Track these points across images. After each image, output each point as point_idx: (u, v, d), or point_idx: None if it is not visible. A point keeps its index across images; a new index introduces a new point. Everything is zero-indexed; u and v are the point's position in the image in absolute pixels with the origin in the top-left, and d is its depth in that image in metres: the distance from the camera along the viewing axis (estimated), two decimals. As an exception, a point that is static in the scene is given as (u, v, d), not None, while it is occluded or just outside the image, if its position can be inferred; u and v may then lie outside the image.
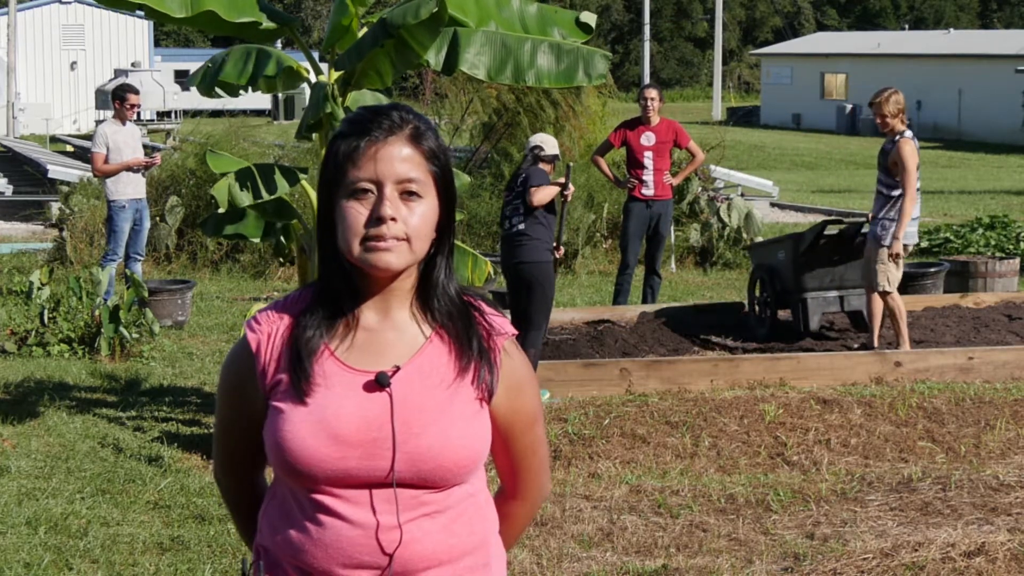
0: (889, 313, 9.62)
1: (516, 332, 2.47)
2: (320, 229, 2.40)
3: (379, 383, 2.33)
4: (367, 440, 2.31)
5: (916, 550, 5.67)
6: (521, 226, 8.76)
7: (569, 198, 9.21)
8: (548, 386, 8.82)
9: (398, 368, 2.35)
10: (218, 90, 7.74)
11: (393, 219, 2.31)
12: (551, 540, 6.17)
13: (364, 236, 2.31)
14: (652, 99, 11.56)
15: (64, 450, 7.68)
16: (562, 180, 9.07)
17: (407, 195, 2.33)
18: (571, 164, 9.59)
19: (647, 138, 11.53)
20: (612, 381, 8.94)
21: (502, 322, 2.45)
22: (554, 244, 9.04)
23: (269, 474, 2.52)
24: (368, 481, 2.31)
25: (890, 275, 9.52)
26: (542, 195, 8.74)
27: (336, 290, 2.38)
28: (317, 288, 2.41)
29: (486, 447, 2.41)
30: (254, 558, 2.46)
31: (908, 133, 9.61)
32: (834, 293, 10.27)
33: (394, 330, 2.39)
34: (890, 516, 6.56)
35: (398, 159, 2.33)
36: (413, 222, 2.32)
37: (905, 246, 9.54)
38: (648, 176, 11.50)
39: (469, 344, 2.39)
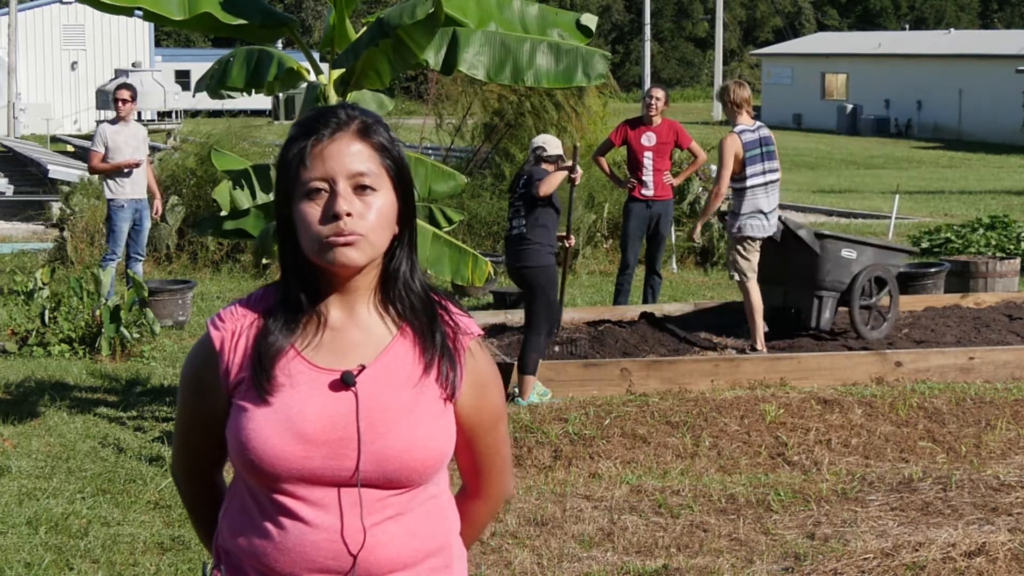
0: (745, 303, 9.85)
1: (482, 332, 2.46)
2: (279, 233, 2.39)
3: (344, 382, 2.32)
4: (332, 439, 2.30)
5: (917, 550, 5.67)
6: (522, 229, 8.71)
7: (577, 181, 9.19)
8: (548, 386, 8.82)
9: (364, 367, 2.34)
10: (225, 92, 7.76)
11: (349, 214, 2.30)
12: (551, 540, 6.17)
13: (323, 235, 2.30)
14: (657, 99, 11.53)
15: (65, 450, 7.68)
16: (569, 163, 9.01)
17: (361, 189, 2.32)
18: (577, 145, 9.61)
19: (648, 138, 11.52)
20: (612, 381, 8.94)
21: (468, 322, 2.44)
22: (564, 234, 9.08)
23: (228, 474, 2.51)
24: (333, 481, 2.30)
25: (742, 264, 9.75)
26: (548, 185, 8.61)
27: (299, 290, 2.37)
28: (280, 289, 2.40)
29: (451, 446, 2.40)
30: (215, 560, 2.44)
31: (738, 128, 9.83)
32: (779, 287, 10.32)
33: (360, 328, 2.38)
34: (891, 516, 6.56)
35: (348, 154, 2.32)
36: (370, 216, 2.32)
37: (754, 239, 9.80)
38: (648, 176, 11.49)
39: (433, 340, 2.38)
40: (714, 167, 17.56)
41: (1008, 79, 45.61)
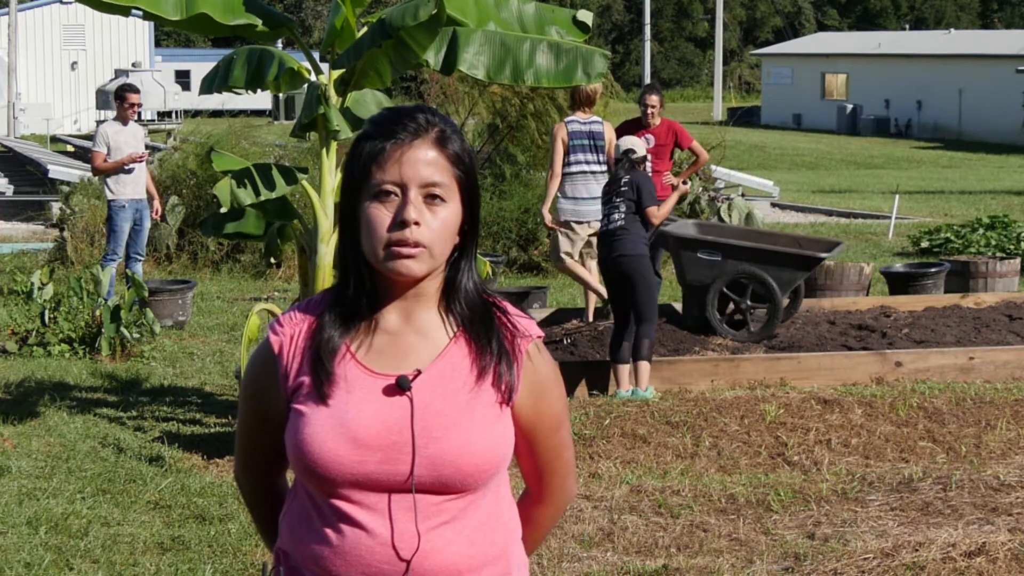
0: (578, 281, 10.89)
1: (542, 334, 2.45)
2: (341, 229, 2.39)
3: (400, 387, 2.32)
4: (387, 444, 2.30)
5: (917, 550, 5.67)
6: (620, 222, 8.96)
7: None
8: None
9: (419, 372, 2.34)
10: (228, 90, 7.78)
11: (416, 223, 2.30)
12: (551, 540, 6.17)
13: (388, 240, 2.30)
14: (653, 106, 11.53)
15: (65, 450, 7.68)
16: (684, 189, 9.66)
17: (431, 199, 2.32)
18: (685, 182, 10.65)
19: (646, 141, 11.52)
20: (613, 381, 8.94)
21: (527, 324, 2.43)
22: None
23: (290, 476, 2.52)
24: (387, 486, 2.30)
25: (558, 245, 10.62)
26: (663, 216, 9.10)
27: (357, 293, 2.37)
28: (338, 290, 2.40)
29: (508, 451, 2.39)
30: (274, 562, 2.46)
31: (568, 118, 10.72)
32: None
33: (417, 333, 2.38)
34: (891, 516, 6.56)
35: (423, 162, 2.32)
36: (435, 227, 2.31)
37: (573, 222, 10.53)
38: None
39: (489, 345, 2.38)
40: (715, 167, 17.64)
41: (1008, 79, 45.60)
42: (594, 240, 10.73)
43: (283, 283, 14.40)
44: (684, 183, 10.00)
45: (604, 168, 10.60)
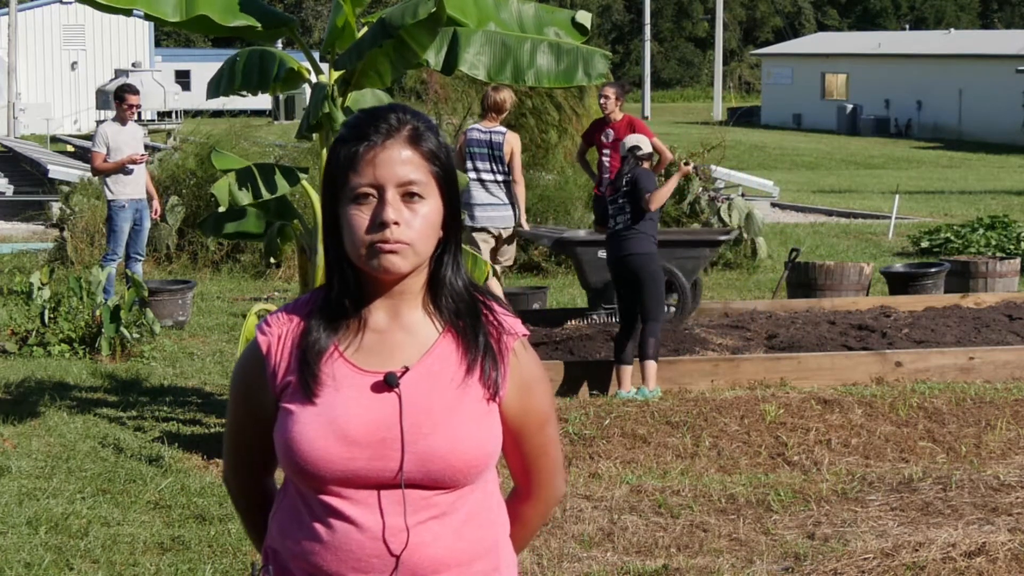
0: None
1: (527, 333, 2.47)
2: (325, 233, 2.41)
3: (388, 384, 2.34)
4: (376, 441, 2.32)
5: (917, 550, 5.67)
6: (627, 222, 8.98)
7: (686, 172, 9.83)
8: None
9: (407, 369, 2.36)
10: (241, 92, 7.79)
11: (396, 223, 2.31)
12: (551, 540, 6.17)
13: (369, 242, 2.32)
14: (606, 98, 11.77)
15: (65, 450, 7.68)
16: (686, 170, 9.65)
17: (409, 197, 2.34)
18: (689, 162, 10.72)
19: (606, 135, 11.75)
20: (613, 381, 8.94)
21: (513, 322, 2.45)
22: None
23: (279, 477, 2.53)
24: (377, 482, 2.32)
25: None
26: (660, 200, 8.99)
27: (343, 292, 2.38)
28: (325, 290, 2.42)
29: (496, 446, 2.41)
30: (263, 561, 2.46)
31: (471, 126, 10.70)
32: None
33: (403, 331, 2.39)
34: (891, 516, 6.56)
35: (397, 162, 2.33)
36: (416, 224, 2.33)
37: (473, 229, 10.49)
38: (607, 172, 11.57)
39: (476, 341, 2.39)
40: (715, 167, 17.62)
41: (1008, 79, 45.60)
42: (500, 246, 10.74)
43: (283, 283, 14.40)
44: (686, 164, 9.98)
45: (504, 178, 10.46)
